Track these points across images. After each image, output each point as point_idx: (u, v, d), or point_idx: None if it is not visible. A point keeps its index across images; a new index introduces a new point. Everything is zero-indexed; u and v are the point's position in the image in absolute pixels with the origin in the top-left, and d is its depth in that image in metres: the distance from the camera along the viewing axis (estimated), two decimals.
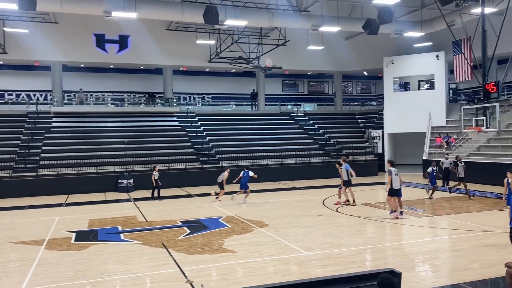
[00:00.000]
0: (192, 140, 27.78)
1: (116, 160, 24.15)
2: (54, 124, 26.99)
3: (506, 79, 19.80)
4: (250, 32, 27.48)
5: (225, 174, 17.88)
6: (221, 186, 17.84)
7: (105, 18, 20.23)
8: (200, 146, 27.21)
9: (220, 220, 13.89)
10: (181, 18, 21.89)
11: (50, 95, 29.66)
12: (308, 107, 37.49)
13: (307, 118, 33.96)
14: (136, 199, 19.58)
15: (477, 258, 8.93)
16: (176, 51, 29.40)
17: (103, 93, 31.28)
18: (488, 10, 19.56)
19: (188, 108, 32.03)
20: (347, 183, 16.02)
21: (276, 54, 27.38)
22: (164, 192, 19.60)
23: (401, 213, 13.76)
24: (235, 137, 29.07)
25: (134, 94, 32.10)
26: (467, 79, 24.67)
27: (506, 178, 12.00)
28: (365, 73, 38.14)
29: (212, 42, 28.26)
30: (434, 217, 13.81)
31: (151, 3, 21.00)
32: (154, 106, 30.18)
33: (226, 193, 18.03)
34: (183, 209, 16.64)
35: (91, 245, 10.93)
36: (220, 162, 25.85)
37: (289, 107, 36.40)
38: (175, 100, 30.98)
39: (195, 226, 13.07)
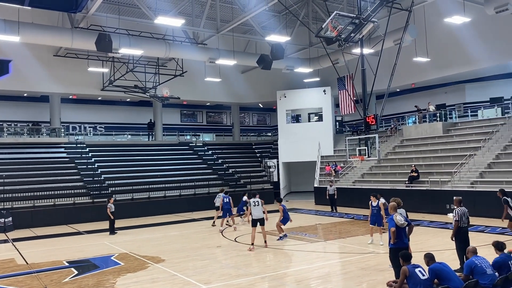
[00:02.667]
0: (81, 172, 26.00)
1: None
2: None
3: (383, 112, 22.03)
4: (146, 61, 27.04)
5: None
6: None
7: None
8: (91, 179, 25.56)
9: (112, 258, 13.04)
10: (71, 45, 20.71)
11: None
12: (207, 137, 37.66)
13: (206, 148, 34.04)
14: (15, 240, 17.50)
15: (364, 279, 9.57)
16: (65, 78, 27.60)
17: None
18: (366, 51, 21.78)
19: (77, 139, 30.02)
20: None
21: (174, 84, 27.25)
22: (49, 230, 17.89)
23: (285, 235, 14.93)
24: (131, 169, 27.90)
25: (16, 123, 29.22)
26: (350, 112, 27.05)
27: (370, 201, 13.23)
28: (261, 105, 39.69)
29: (106, 70, 27.15)
30: (325, 242, 14.59)
31: (37, 28, 19.55)
32: (39, 137, 27.75)
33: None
34: (71, 248, 15.30)
35: None
36: (114, 195, 24.47)
37: (188, 137, 36.21)
38: (63, 130, 28.91)
39: (84, 266, 12.10)
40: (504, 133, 22.18)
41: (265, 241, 13.85)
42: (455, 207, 9.96)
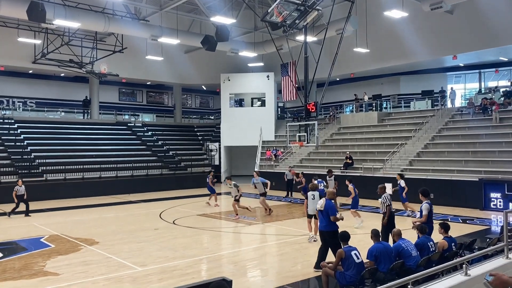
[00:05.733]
0: (9, 150, 24.33)
1: None
2: None
3: (323, 100, 22.63)
4: (84, 35, 25.60)
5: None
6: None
7: None
8: (20, 157, 24.02)
9: (42, 240, 12.43)
10: None
11: None
12: (147, 118, 36.63)
13: (145, 129, 33.12)
14: None
15: (299, 260, 9.89)
16: None
17: None
18: (309, 38, 22.19)
19: (5, 114, 27.99)
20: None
21: (113, 60, 26.06)
22: None
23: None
24: (63, 148, 26.52)
25: None
26: (292, 99, 27.48)
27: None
28: (204, 88, 39.19)
29: (38, 41, 25.35)
30: (263, 224, 14.85)
31: None
32: None
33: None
34: None
35: None
36: (44, 175, 23.24)
37: (127, 116, 35.00)
38: None
39: (9, 248, 11.43)
40: (433, 124, 23.66)
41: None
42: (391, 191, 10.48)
